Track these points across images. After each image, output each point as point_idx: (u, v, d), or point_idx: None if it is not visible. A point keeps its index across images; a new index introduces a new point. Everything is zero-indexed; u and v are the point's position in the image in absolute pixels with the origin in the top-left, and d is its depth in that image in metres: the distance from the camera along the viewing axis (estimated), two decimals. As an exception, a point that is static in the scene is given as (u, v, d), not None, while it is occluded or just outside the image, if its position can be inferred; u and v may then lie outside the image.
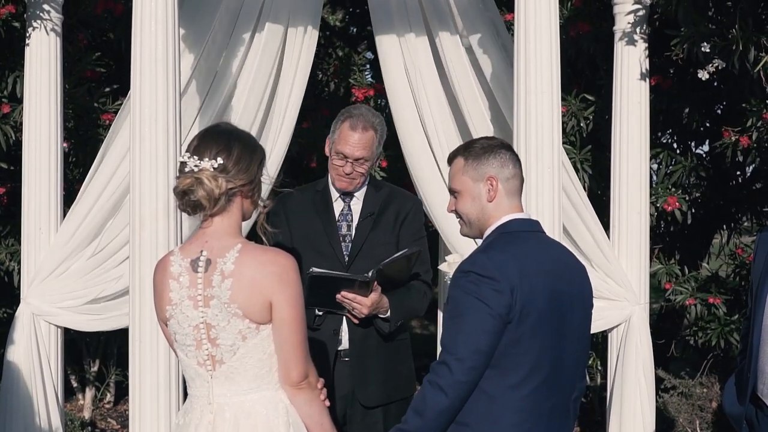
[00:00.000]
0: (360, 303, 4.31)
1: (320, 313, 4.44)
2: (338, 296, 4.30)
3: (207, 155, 3.16)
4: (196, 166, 3.15)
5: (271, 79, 5.37)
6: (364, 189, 4.60)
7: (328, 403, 3.32)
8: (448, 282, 4.08)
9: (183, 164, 3.19)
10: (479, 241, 3.54)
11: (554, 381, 3.37)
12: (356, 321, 4.40)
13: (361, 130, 4.45)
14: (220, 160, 3.15)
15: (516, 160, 3.51)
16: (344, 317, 4.46)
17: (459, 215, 3.52)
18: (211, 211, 3.17)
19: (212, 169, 3.14)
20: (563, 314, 3.38)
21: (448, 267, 4.27)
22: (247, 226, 4.18)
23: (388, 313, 4.43)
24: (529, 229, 3.47)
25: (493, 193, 3.43)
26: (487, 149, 3.46)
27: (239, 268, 3.13)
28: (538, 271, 3.34)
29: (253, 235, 3.44)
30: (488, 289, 3.24)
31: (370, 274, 4.28)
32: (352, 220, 4.56)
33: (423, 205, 5.29)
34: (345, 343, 4.47)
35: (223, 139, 3.20)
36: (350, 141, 4.43)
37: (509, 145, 3.55)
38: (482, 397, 3.28)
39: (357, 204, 4.59)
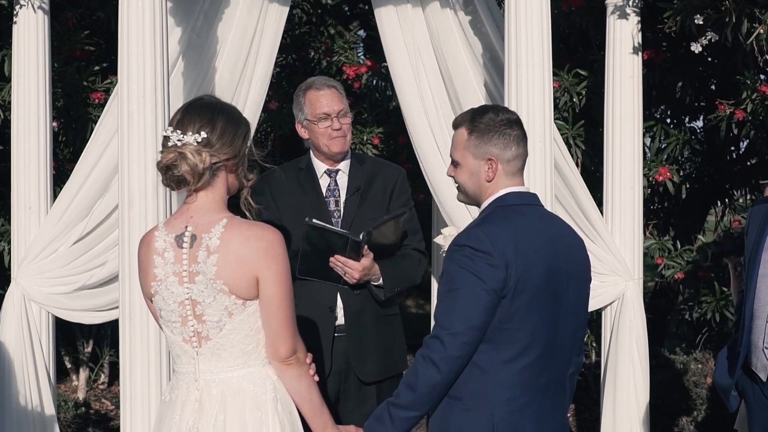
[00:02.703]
0: (352, 267, 4.33)
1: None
2: (331, 260, 4.32)
3: (190, 129, 3.12)
4: (179, 140, 3.11)
5: (249, 55, 5.30)
6: (348, 162, 4.63)
7: (317, 378, 3.30)
8: (444, 255, 4.06)
9: (166, 138, 3.15)
10: (475, 214, 3.52)
11: (549, 357, 3.35)
12: (351, 285, 4.41)
13: (325, 87, 4.57)
14: (203, 134, 3.11)
15: (521, 137, 3.45)
16: (337, 293, 4.46)
17: (456, 183, 3.50)
18: (196, 185, 3.14)
19: (196, 144, 3.11)
20: (559, 291, 3.36)
21: (444, 240, 4.26)
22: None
23: (381, 281, 4.45)
24: (527, 202, 3.44)
25: (492, 173, 3.40)
26: (493, 127, 3.40)
27: (225, 244, 3.09)
28: (534, 246, 3.31)
29: (237, 212, 3.40)
30: (483, 263, 3.22)
31: (360, 236, 4.30)
32: (339, 196, 4.58)
33: (426, 179, 5.40)
34: (341, 319, 4.48)
35: (206, 113, 3.16)
36: (322, 100, 4.53)
37: (517, 120, 3.47)
38: (475, 372, 3.27)
39: (343, 178, 4.60)
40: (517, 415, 3.30)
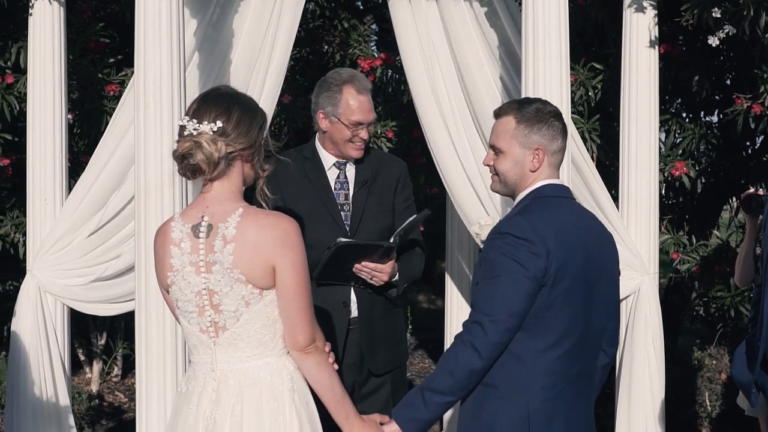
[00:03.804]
0: (381, 271, 4.34)
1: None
2: (357, 266, 4.32)
3: (206, 118, 3.12)
4: (195, 129, 3.11)
5: (264, 47, 5.28)
6: None
7: (336, 366, 3.29)
8: (480, 244, 4.05)
9: (182, 128, 3.15)
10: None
11: (582, 347, 3.38)
12: (374, 287, 4.42)
13: (365, 92, 4.46)
14: (219, 124, 3.11)
15: (565, 131, 3.49)
16: (351, 287, 4.46)
17: (496, 172, 3.49)
18: (211, 175, 3.14)
19: (211, 133, 3.10)
20: (593, 282, 3.39)
21: (480, 228, 4.26)
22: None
23: (395, 278, 4.45)
24: (563, 195, 3.47)
25: (537, 163, 3.42)
26: (541, 117, 3.42)
27: (241, 233, 3.09)
28: (572, 237, 3.35)
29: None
30: (525, 251, 3.25)
31: (392, 240, 4.31)
32: (348, 189, 4.54)
33: (440, 173, 5.35)
34: (354, 312, 4.47)
35: (222, 103, 3.16)
36: (363, 107, 4.43)
37: (560, 114, 3.50)
38: (511, 360, 3.30)
39: (351, 171, 4.57)
40: (551, 404, 3.33)
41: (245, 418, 3.13)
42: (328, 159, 4.55)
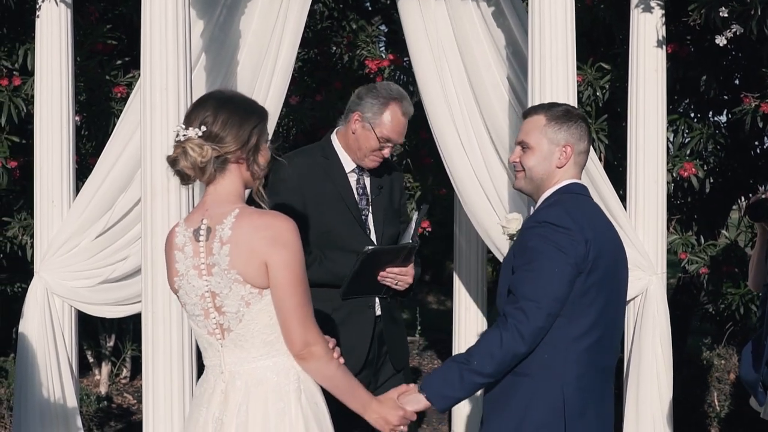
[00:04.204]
0: (406, 273, 4.38)
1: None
2: (382, 273, 4.33)
3: (194, 123, 3.13)
4: (183, 135, 3.13)
5: (270, 47, 5.28)
6: None
7: (342, 360, 3.26)
8: (507, 239, 4.09)
9: (175, 134, 3.17)
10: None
11: (609, 339, 3.47)
12: (393, 292, 4.47)
13: (407, 117, 4.46)
14: (203, 128, 3.11)
15: (590, 135, 3.61)
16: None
17: (522, 168, 3.55)
18: (202, 179, 3.15)
19: (197, 137, 3.10)
20: (619, 276, 3.51)
21: (507, 222, 4.26)
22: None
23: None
24: (586, 193, 3.57)
25: (565, 160, 3.50)
26: (570, 117, 3.53)
27: (236, 234, 3.09)
28: (603, 230, 3.47)
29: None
30: (565, 237, 3.33)
31: (411, 240, 4.34)
32: (368, 195, 4.54)
33: (449, 174, 5.45)
34: (378, 310, 4.51)
35: (211, 106, 3.15)
36: (399, 128, 4.44)
37: (587, 118, 3.65)
38: (544, 347, 3.34)
39: (368, 177, 4.57)
40: (584, 395, 3.39)
41: (251, 418, 3.13)
42: (348, 163, 4.51)
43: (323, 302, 4.09)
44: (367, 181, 4.56)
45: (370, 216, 4.51)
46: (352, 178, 4.51)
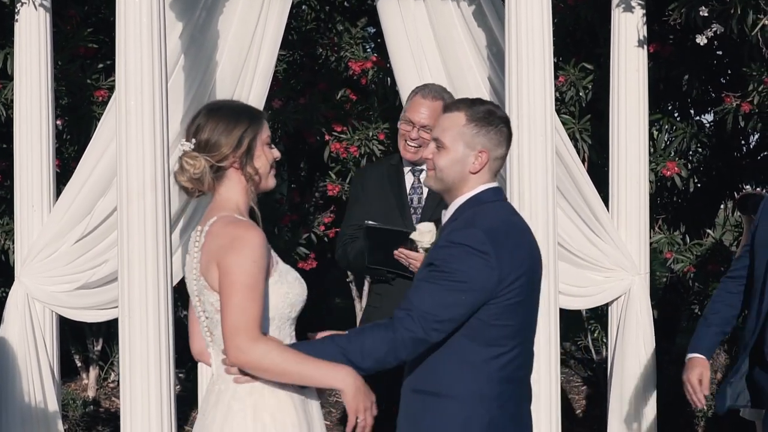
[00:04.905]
0: (416, 258, 4.39)
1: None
2: (396, 252, 4.42)
3: (189, 136, 3.17)
4: (182, 149, 3.17)
5: (251, 49, 5.27)
6: None
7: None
8: (420, 250, 4.08)
9: (179, 150, 3.20)
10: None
11: (527, 353, 3.35)
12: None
13: (431, 98, 4.65)
14: (194, 139, 3.14)
15: (510, 140, 3.39)
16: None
17: (433, 166, 3.37)
18: (202, 189, 3.17)
19: (191, 150, 3.14)
20: (537, 284, 3.35)
21: (420, 236, 4.26)
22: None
23: None
24: (499, 198, 3.38)
25: (479, 166, 3.31)
26: (491, 120, 3.32)
27: (206, 241, 3.11)
28: (522, 244, 3.29)
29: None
30: (480, 262, 3.16)
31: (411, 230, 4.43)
32: (422, 193, 4.70)
33: None
34: None
35: (202, 116, 3.18)
36: (419, 108, 4.63)
37: (509, 122, 3.41)
38: (463, 367, 3.23)
39: (424, 175, 4.61)
40: (504, 410, 3.27)
41: (217, 419, 3.14)
42: (407, 164, 4.77)
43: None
44: (423, 178, 4.60)
45: (422, 212, 4.65)
46: (409, 178, 4.76)
